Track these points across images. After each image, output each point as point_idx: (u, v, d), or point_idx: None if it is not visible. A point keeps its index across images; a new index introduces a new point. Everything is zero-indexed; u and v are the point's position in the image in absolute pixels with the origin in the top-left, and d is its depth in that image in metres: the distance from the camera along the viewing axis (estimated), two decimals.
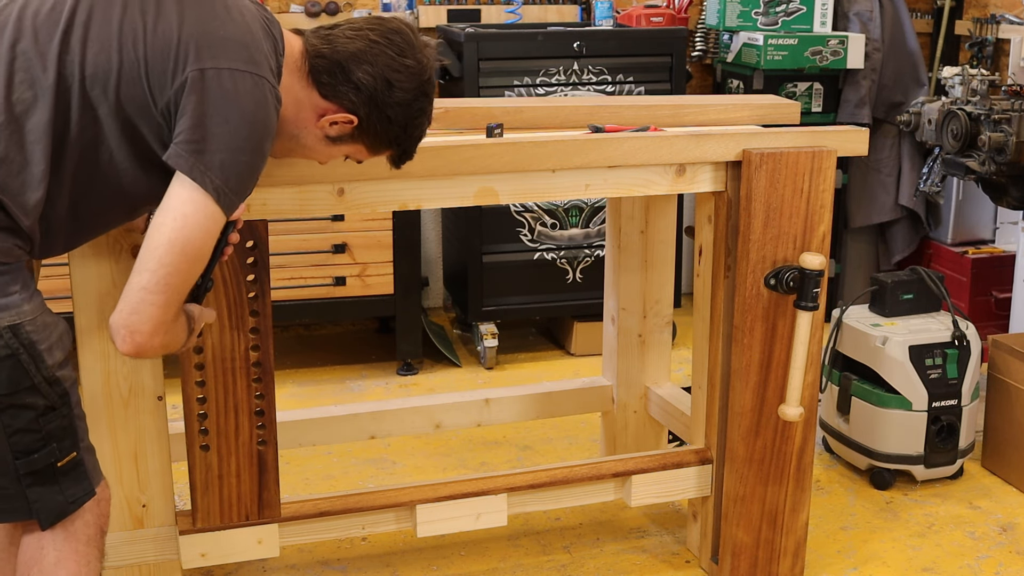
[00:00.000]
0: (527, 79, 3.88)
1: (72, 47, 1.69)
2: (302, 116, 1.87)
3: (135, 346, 1.68)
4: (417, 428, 2.93)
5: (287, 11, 4.27)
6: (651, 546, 2.85)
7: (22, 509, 1.76)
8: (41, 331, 1.70)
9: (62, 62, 1.68)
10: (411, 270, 3.87)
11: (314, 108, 1.86)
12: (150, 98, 1.71)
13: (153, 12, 1.72)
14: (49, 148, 1.68)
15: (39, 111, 1.68)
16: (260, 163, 1.77)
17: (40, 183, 1.68)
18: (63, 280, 2.11)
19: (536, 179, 2.32)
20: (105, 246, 2.08)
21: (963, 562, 2.79)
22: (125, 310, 1.67)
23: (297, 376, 3.99)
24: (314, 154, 1.94)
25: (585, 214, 4.05)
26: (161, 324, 1.70)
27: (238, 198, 1.74)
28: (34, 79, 1.68)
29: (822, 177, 2.42)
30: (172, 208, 1.68)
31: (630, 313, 2.95)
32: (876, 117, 4.29)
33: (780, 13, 4.21)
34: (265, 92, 1.74)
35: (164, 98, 1.70)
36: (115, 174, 1.75)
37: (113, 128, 1.71)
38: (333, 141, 1.90)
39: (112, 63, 1.70)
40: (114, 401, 2.17)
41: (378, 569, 2.75)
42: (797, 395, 2.43)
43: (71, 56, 1.69)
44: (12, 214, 1.68)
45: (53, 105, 1.68)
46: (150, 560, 2.28)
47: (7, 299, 1.67)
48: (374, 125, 1.87)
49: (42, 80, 1.68)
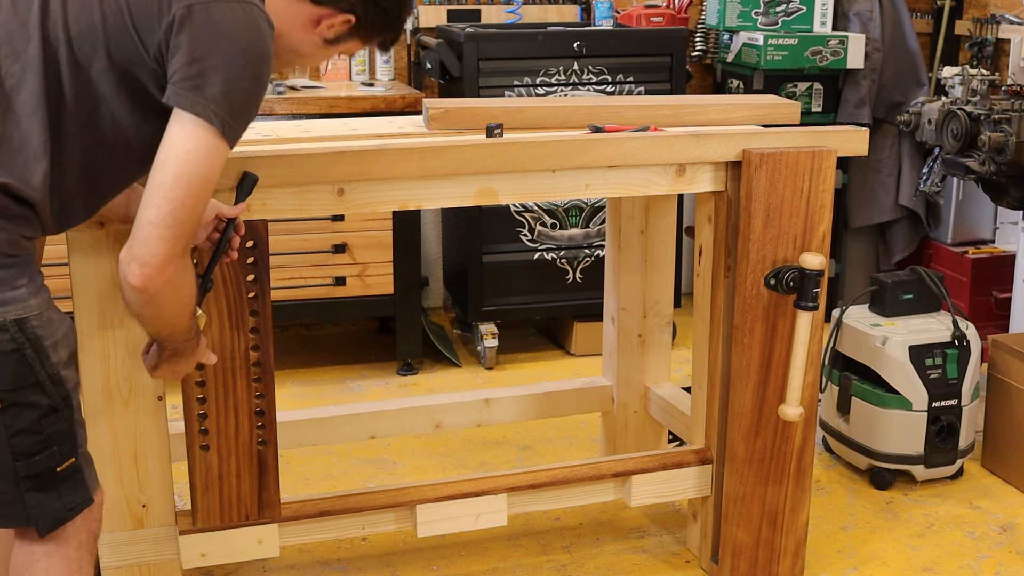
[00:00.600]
0: (527, 79, 3.88)
1: (52, 10, 1.68)
2: (296, 30, 1.87)
3: (144, 278, 1.67)
4: (417, 428, 2.93)
5: None
6: (651, 546, 2.85)
7: (20, 515, 1.75)
8: (47, 327, 1.70)
9: (45, 27, 1.67)
10: (411, 270, 3.87)
11: (309, 18, 1.86)
12: (140, 46, 1.69)
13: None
14: (46, 119, 1.67)
15: (29, 83, 1.66)
16: (260, 90, 1.76)
17: (43, 156, 1.67)
18: (63, 280, 2.11)
19: (536, 179, 2.32)
20: (105, 246, 2.08)
21: (963, 562, 2.79)
22: (134, 244, 1.66)
23: (297, 376, 3.99)
24: (313, 59, 1.95)
25: (585, 214, 4.05)
26: (170, 258, 1.68)
27: (240, 127, 1.73)
28: (18, 51, 1.66)
29: (822, 177, 2.42)
30: (175, 144, 1.66)
31: (630, 313, 2.95)
32: (876, 117, 4.29)
33: (780, 13, 4.21)
34: (256, 18, 1.72)
35: (154, 42, 1.68)
36: (120, 131, 1.74)
37: (109, 85, 1.70)
38: (331, 43, 1.91)
39: (95, 18, 1.68)
40: (114, 401, 2.17)
41: (378, 569, 2.75)
42: (797, 395, 2.43)
43: (52, 20, 1.67)
44: (20, 195, 1.67)
45: (42, 74, 1.66)
46: (150, 560, 2.27)
47: (14, 292, 1.67)
48: (371, 19, 1.89)
49: (27, 51, 1.66)
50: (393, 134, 2.44)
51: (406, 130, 2.50)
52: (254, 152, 2.15)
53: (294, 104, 3.71)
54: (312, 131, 2.50)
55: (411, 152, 2.19)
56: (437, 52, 3.87)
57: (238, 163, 2.07)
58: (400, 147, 2.20)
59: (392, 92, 3.91)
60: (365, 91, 3.93)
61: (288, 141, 2.36)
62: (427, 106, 2.47)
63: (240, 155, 2.10)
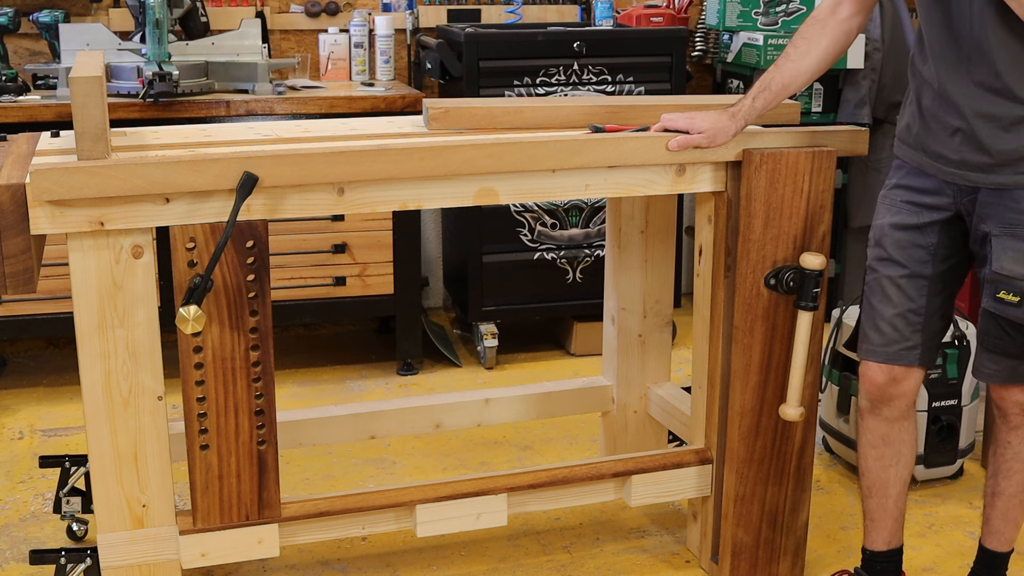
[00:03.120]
0: (527, 79, 3.89)
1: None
2: None
3: None
4: (417, 428, 2.93)
5: (287, 11, 4.28)
6: (651, 546, 2.85)
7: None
8: None
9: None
10: (411, 270, 3.87)
11: None
12: None
13: None
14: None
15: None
16: None
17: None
18: (63, 280, 2.11)
19: (536, 179, 2.32)
20: (105, 245, 2.08)
21: (963, 562, 2.79)
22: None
23: (297, 376, 3.99)
24: None
25: (585, 214, 4.05)
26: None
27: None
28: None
29: (822, 177, 2.42)
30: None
31: (630, 313, 2.95)
32: (876, 117, 4.29)
33: (780, 13, 4.21)
34: None
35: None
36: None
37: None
38: None
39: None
40: (114, 401, 2.17)
41: (378, 569, 2.75)
42: (797, 395, 2.43)
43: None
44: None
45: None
46: (150, 560, 2.27)
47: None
48: None
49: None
50: (393, 134, 2.45)
51: (406, 130, 2.50)
52: (254, 152, 2.15)
53: (294, 104, 3.71)
54: (312, 131, 2.51)
55: (411, 152, 2.19)
56: (437, 52, 3.88)
57: (238, 163, 2.07)
58: (400, 147, 2.20)
59: (392, 92, 3.91)
60: (365, 91, 3.93)
61: (288, 141, 2.36)
62: (427, 106, 2.47)
63: (240, 155, 2.11)
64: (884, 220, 2.33)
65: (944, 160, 2.21)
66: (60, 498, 2.73)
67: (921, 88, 2.24)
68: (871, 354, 2.36)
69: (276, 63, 3.88)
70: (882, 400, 2.38)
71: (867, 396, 2.40)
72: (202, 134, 2.46)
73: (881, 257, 2.34)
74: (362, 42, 4.19)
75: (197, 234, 2.12)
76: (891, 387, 2.36)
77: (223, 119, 3.61)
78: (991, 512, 2.44)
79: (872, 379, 2.37)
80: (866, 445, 2.45)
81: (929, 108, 2.22)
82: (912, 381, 2.37)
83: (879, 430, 2.42)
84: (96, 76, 2.00)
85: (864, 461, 2.46)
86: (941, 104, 2.19)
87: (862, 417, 2.43)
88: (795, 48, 2.34)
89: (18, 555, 2.77)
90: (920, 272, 2.30)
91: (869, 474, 2.46)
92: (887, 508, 2.47)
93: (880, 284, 2.34)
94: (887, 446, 2.42)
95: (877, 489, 2.46)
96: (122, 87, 3.61)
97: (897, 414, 2.40)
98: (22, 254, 2.02)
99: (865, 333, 2.37)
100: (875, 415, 2.41)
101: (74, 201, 2.02)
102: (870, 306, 2.37)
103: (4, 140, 2.40)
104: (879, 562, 2.51)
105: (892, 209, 2.33)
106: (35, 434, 3.51)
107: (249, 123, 2.77)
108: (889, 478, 2.45)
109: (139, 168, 2.03)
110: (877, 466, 2.44)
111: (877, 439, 2.43)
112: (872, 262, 2.37)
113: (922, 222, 2.28)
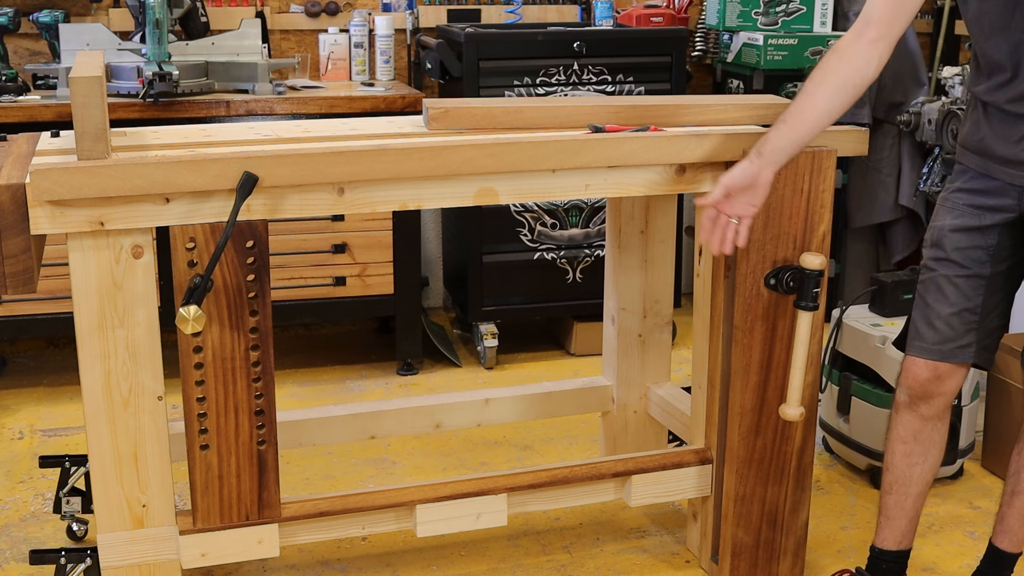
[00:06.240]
0: (527, 79, 3.89)
1: None
2: None
3: None
4: (417, 428, 2.93)
5: (287, 11, 4.28)
6: (651, 546, 2.85)
7: None
8: None
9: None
10: (411, 270, 3.87)
11: None
12: None
13: None
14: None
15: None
16: None
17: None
18: (63, 280, 2.11)
19: (536, 179, 2.32)
20: (105, 245, 2.08)
21: (963, 562, 2.79)
22: None
23: (297, 376, 3.99)
24: None
25: (585, 214, 4.05)
26: None
27: None
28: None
29: (822, 177, 2.42)
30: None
31: (630, 313, 2.95)
32: (876, 117, 4.29)
33: (780, 13, 4.22)
34: None
35: None
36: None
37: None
38: None
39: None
40: (114, 401, 2.17)
41: (378, 569, 2.75)
42: (797, 395, 2.43)
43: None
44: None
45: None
46: (150, 560, 2.27)
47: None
48: None
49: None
50: (393, 134, 2.44)
51: (406, 130, 2.50)
52: (254, 152, 2.15)
53: (294, 104, 3.71)
54: (312, 131, 2.50)
55: (411, 152, 2.19)
56: (437, 52, 3.87)
57: (238, 163, 2.07)
58: (400, 147, 2.20)
59: (392, 92, 3.91)
60: (365, 91, 3.93)
61: (288, 141, 2.36)
62: (427, 106, 2.47)
63: (240, 155, 2.10)
64: (944, 222, 2.32)
65: (1010, 163, 2.22)
66: (60, 498, 2.74)
67: (982, 103, 2.25)
68: (922, 351, 2.34)
69: (276, 63, 3.88)
70: (922, 396, 2.36)
71: (907, 391, 2.37)
72: (202, 134, 2.46)
73: (939, 257, 2.32)
74: (362, 42, 4.19)
75: (197, 234, 2.12)
76: (933, 384, 2.34)
77: (223, 119, 3.61)
78: (1008, 511, 2.42)
79: (916, 375, 2.35)
80: (896, 440, 2.42)
81: (994, 116, 2.23)
82: (955, 380, 2.34)
83: (912, 426, 2.39)
84: (96, 76, 2.00)
85: (891, 456, 2.44)
86: (1005, 116, 2.20)
87: (897, 411, 2.41)
88: (810, 79, 2.28)
89: (18, 555, 2.77)
90: (978, 272, 2.29)
91: (893, 469, 2.44)
92: (905, 507, 2.46)
93: (936, 283, 2.32)
94: (917, 443, 2.40)
95: (899, 486, 2.44)
96: (122, 87, 3.61)
97: (934, 412, 2.37)
98: (22, 254, 2.02)
99: (917, 330, 2.35)
100: (911, 410, 2.38)
101: (74, 201, 2.02)
102: (925, 304, 2.34)
103: (4, 140, 2.40)
104: (886, 562, 2.50)
105: (953, 212, 2.31)
106: (35, 434, 3.51)
107: (249, 123, 2.77)
108: (913, 476, 2.43)
109: (139, 168, 2.03)
110: (904, 463, 2.42)
111: (908, 435, 2.40)
112: (928, 261, 2.35)
113: (984, 224, 2.27)
